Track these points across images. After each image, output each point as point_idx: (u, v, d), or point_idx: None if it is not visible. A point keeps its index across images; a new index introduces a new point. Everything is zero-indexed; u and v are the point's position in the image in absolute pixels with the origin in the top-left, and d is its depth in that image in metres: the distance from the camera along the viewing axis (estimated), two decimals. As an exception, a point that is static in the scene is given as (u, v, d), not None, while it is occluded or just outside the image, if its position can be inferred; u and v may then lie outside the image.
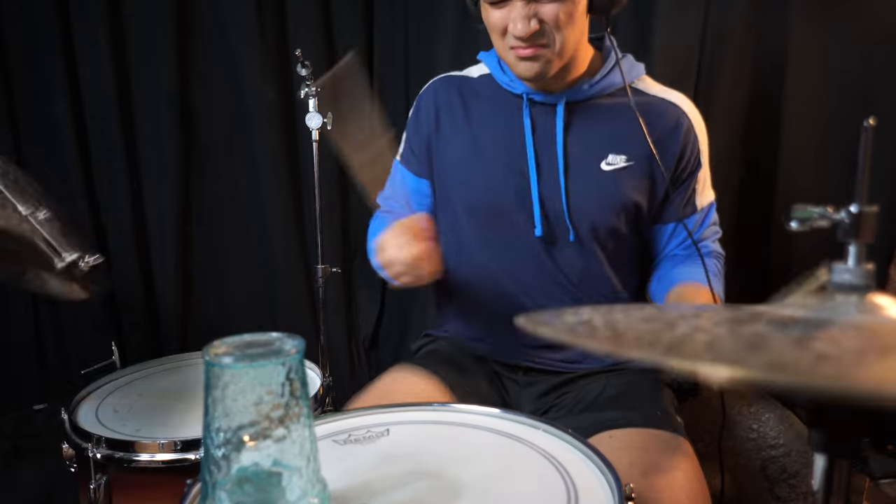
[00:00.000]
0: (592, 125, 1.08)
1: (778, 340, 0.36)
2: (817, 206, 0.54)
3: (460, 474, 0.68)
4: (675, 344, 0.35)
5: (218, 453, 0.53)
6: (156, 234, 1.89)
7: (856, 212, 0.50)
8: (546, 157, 1.07)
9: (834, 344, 0.34)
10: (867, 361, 0.31)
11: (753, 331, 0.38)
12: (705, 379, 0.33)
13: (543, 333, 0.42)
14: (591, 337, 0.39)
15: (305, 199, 2.02)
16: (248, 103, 1.91)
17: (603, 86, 1.07)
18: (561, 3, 0.95)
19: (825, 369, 0.30)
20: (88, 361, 1.29)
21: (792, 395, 0.91)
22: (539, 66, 1.00)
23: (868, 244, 0.50)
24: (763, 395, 1.41)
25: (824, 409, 0.41)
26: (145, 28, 1.80)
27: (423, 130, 1.17)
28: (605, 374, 1.10)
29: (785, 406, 1.39)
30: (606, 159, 1.07)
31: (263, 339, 0.56)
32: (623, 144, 1.07)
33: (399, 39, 1.98)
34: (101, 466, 1.01)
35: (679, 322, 0.42)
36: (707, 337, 0.37)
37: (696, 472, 0.88)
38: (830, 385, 0.29)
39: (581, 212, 1.07)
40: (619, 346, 0.36)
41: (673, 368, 0.32)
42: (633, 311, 0.52)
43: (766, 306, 0.51)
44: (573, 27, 0.99)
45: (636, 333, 0.39)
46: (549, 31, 0.97)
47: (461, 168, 1.12)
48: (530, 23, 0.95)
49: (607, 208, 1.07)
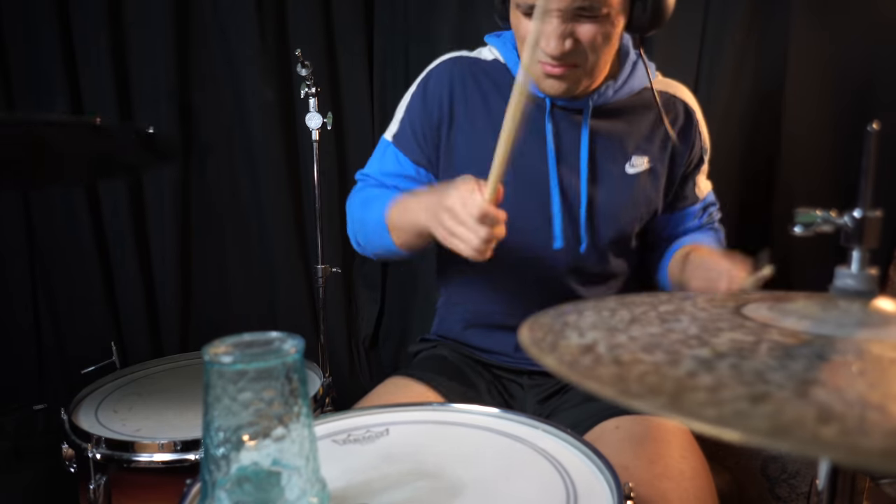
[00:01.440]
0: (616, 129, 1.04)
1: (781, 384, 0.35)
2: (820, 209, 0.53)
3: (460, 474, 0.68)
4: (678, 393, 0.35)
5: (217, 453, 0.53)
6: (156, 234, 1.89)
7: (859, 217, 0.49)
8: (569, 165, 1.04)
9: (838, 395, 0.33)
10: (872, 422, 0.30)
11: (757, 367, 0.38)
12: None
13: (546, 364, 0.42)
14: (594, 376, 0.38)
15: (305, 199, 2.02)
16: (248, 103, 1.91)
17: (626, 90, 1.04)
18: (600, 24, 0.90)
19: (828, 433, 0.30)
20: (88, 361, 1.30)
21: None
22: (566, 86, 0.96)
23: (871, 249, 0.50)
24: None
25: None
26: (145, 28, 1.80)
27: (432, 114, 1.08)
28: None
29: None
30: (630, 161, 1.04)
31: (263, 339, 0.56)
32: (645, 146, 1.05)
33: (399, 40, 1.98)
34: (101, 467, 1.01)
35: (682, 349, 0.41)
36: (711, 381, 0.36)
37: (701, 463, 0.88)
38: (835, 454, 0.29)
39: (604, 219, 1.05)
40: (623, 394, 0.35)
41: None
42: (639, 318, 0.52)
43: (762, 308, 0.51)
44: (608, 48, 0.94)
45: (640, 371, 0.38)
46: (582, 52, 0.92)
47: (479, 162, 1.04)
48: (565, 42, 0.90)
49: (631, 213, 1.06)
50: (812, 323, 0.46)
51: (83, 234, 1.81)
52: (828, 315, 0.47)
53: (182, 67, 1.85)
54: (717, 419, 0.32)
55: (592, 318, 0.51)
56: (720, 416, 0.32)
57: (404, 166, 1.12)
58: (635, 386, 0.36)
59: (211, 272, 1.98)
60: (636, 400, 0.34)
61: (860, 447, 0.28)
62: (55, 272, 1.82)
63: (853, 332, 0.44)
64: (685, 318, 0.49)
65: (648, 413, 0.36)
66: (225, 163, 1.96)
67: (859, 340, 0.42)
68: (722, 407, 0.33)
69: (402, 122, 1.12)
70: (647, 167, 1.05)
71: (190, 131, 1.90)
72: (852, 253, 0.49)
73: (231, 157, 1.96)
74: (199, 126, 1.91)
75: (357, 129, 2.03)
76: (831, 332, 0.44)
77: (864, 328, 0.45)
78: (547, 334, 0.48)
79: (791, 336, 0.43)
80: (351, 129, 2.03)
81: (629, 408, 0.35)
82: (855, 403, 0.32)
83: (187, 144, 1.90)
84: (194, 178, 1.93)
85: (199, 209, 1.94)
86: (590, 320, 0.51)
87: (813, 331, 0.44)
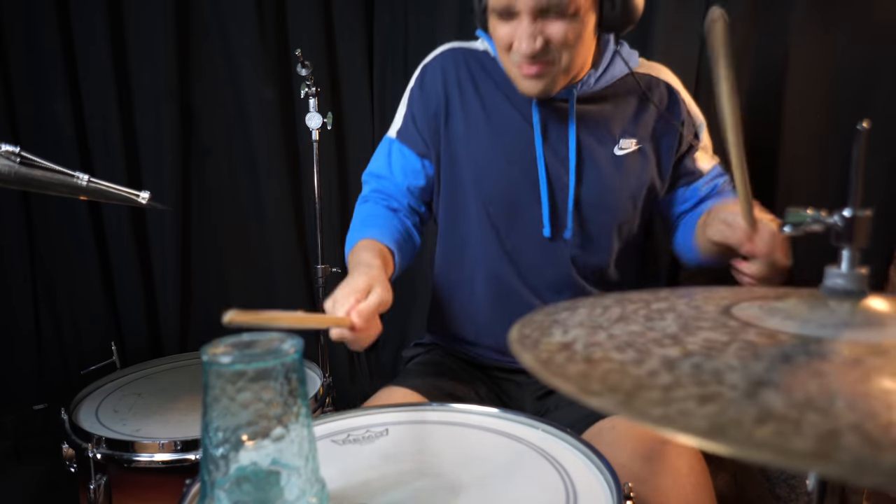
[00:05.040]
0: (602, 112, 1.07)
1: (735, 384, 0.35)
2: (814, 208, 0.53)
3: (459, 474, 0.68)
4: (634, 392, 0.35)
5: (217, 453, 0.53)
6: (155, 234, 1.89)
7: (849, 216, 0.49)
8: (558, 155, 1.06)
9: (786, 397, 0.33)
10: (809, 424, 0.30)
11: (718, 368, 0.38)
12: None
13: (523, 361, 0.43)
14: (561, 374, 0.39)
15: (305, 199, 2.02)
16: (248, 103, 1.91)
17: (607, 78, 1.06)
18: (569, 23, 0.93)
19: (761, 434, 0.30)
20: (88, 361, 1.30)
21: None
22: (543, 85, 0.98)
23: (862, 248, 0.50)
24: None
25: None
26: (145, 28, 1.80)
27: (430, 105, 1.11)
28: None
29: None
30: (619, 144, 1.07)
31: (262, 339, 0.56)
32: (632, 128, 1.07)
33: (399, 39, 1.98)
34: (101, 466, 1.02)
35: (653, 348, 0.42)
36: (668, 380, 0.36)
37: (698, 459, 0.88)
38: (765, 456, 0.29)
39: (596, 205, 1.06)
40: (583, 392, 0.36)
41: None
42: (628, 317, 0.52)
43: (752, 307, 0.51)
44: (581, 46, 0.96)
45: (604, 370, 0.39)
46: (554, 50, 0.95)
47: (476, 150, 1.08)
48: (536, 41, 0.93)
49: (624, 195, 1.07)
50: (795, 323, 0.46)
51: (83, 234, 1.81)
52: (813, 315, 0.47)
53: (182, 67, 1.85)
54: (661, 418, 0.32)
55: (582, 316, 0.51)
56: (665, 416, 0.32)
57: (410, 160, 1.14)
58: (596, 384, 0.37)
59: (211, 272, 1.98)
60: (593, 398, 0.35)
61: (789, 449, 0.28)
62: (55, 272, 1.83)
63: (834, 332, 0.43)
64: (671, 316, 0.49)
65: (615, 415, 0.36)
66: (225, 163, 1.96)
67: (835, 342, 0.42)
68: (669, 406, 0.33)
69: (406, 118, 1.15)
70: (635, 148, 1.07)
71: (190, 131, 1.90)
72: (842, 252, 0.50)
73: (231, 157, 1.96)
74: (200, 126, 1.91)
75: (357, 129, 2.03)
76: (812, 333, 0.43)
77: (847, 329, 0.45)
78: (534, 331, 0.48)
79: (767, 336, 0.43)
80: (351, 129, 2.03)
81: (595, 409, 0.35)
82: (799, 405, 0.32)
83: (187, 144, 1.90)
84: (194, 177, 1.93)
85: (200, 209, 1.95)
86: (578, 318, 0.51)
87: (793, 331, 0.44)
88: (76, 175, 0.95)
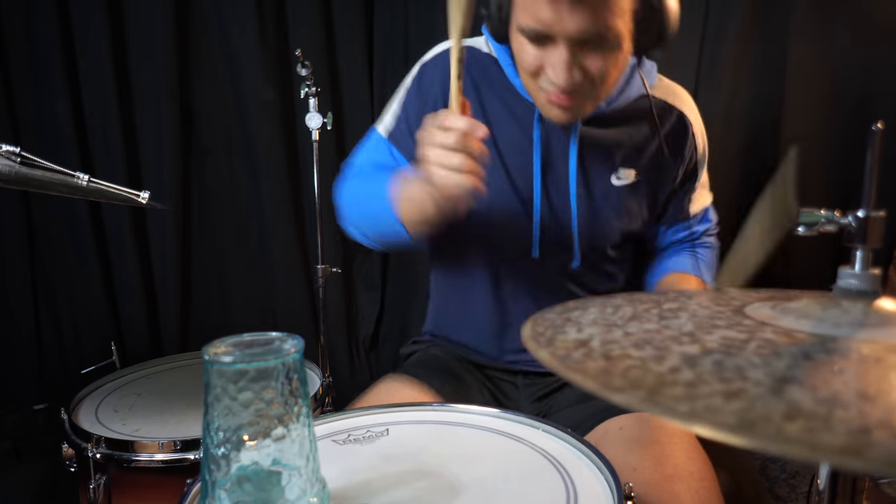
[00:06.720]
0: (606, 138, 1.02)
1: (759, 381, 0.35)
2: (823, 209, 0.53)
3: (460, 474, 0.68)
4: (657, 388, 0.35)
5: (217, 452, 0.53)
6: (155, 234, 1.89)
7: (863, 216, 0.49)
8: (555, 176, 1.02)
9: (812, 393, 0.34)
10: (838, 420, 0.30)
11: (740, 364, 0.38)
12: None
13: (540, 358, 0.42)
14: (581, 370, 0.39)
15: (305, 199, 2.02)
16: (248, 103, 1.91)
17: (622, 99, 1.01)
18: (609, 54, 0.86)
19: (791, 430, 0.30)
20: (88, 361, 1.30)
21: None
22: (572, 115, 0.92)
23: (875, 249, 0.50)
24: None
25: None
26: (145, 28, 1.80)
27: (426, 107, 1.04)
28: None
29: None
30: (617, 173, 1.03)
31: (263, 339, 0.56)
32: (635, 157, 1.03)
33: (399, 39, 1.98)
34: (101, 466, 1.01)
35: (672, 346, 0.42)
36: (691, 377, 0.36)
37: (706, 463, 0.88)
38: (796, 450, 0.29)
39: (586, 233, 1.04)
40: (605, 388, 0.36)
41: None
42: (640, 314, 0.52)
43: (765, 308, 0.51)
44: (616, 74, 0.91)
45: (625, 366, 0.38)
46: (590, 81, 0.88)
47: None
48: (573, 73, 0.85)
49: (614, 226, 1.05)
50: (810, 322, 0.46)
51: (83, 235, 1.81)
52: (827, 315, 0.47)
53: (182, 67, 1.85)
54: (688, 414, 0.32)
55: (594, 315, 0.51)
56: (692, 411, 0.32)
57: (399, 162, 1.09)
58: (618, 380, 0.37)
59: (211, 272, 1.98)
60: (617, 394, 0.35)
61: (820, 444, 0.29)
62: (55, 272, 1.83)
63: (849, 332, 0.44)
64: (684, 315, 0.49)
65: (640, 411, 0.36)
66: (225, 163, 1.96)
67: (852, 340, 0.42)
68: (695, 402, 0.33)
69: (399, 119, 1.09)
70: (633, 180, 1.04)
71: (190, 131, 1.90)
72: (856, 253, 0.49)
73: (231, 156, 1.96)
74: (200, 126, 1.91)
75: (357, 129, 2.03)
76: (827, 332, 0.44)
77: (861, 328, 0.45)
78: (548, 329, 0.48)
79: (784, 335, 0.43)
80: (351, 129, 2.03)
81: (618, 404, 0.35)
82: (827, 401, 0.32)
83: (187, 144, 1.90)
84: (194, 177, 1.93)
85: (200, 209, 1.95)
86: (591, 316, 0.51)
87: (809, 330, 0.44)
88: (76, 175, 0.95)
